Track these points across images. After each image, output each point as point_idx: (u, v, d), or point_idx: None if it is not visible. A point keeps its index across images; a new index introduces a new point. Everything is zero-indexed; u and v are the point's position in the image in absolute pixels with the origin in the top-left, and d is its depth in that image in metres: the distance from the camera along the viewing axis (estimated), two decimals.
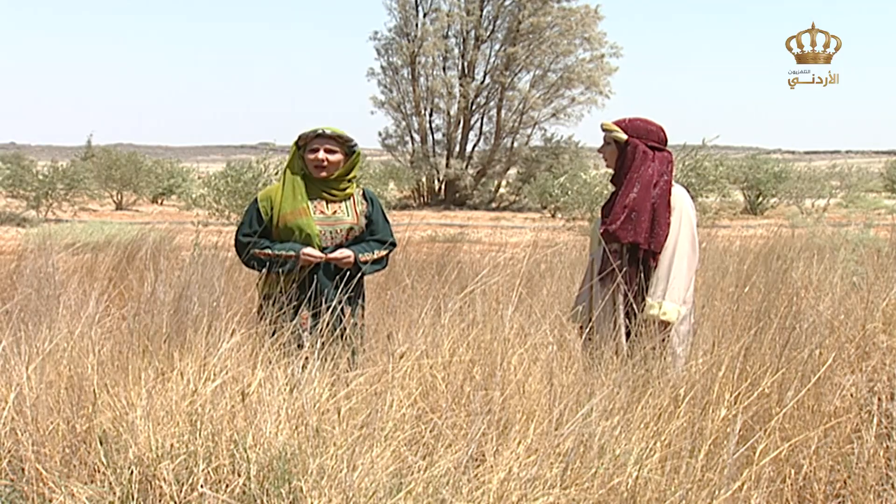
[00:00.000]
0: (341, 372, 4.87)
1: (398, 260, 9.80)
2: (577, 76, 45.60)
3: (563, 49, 45.71)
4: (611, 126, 5.73)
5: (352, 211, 6.25)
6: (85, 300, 6.43)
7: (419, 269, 9.44)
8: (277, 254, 6.00)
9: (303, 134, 6.15)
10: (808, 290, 7.69)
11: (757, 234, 12.49)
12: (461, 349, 5.06)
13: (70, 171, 34.65)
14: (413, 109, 46.84)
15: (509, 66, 46.08)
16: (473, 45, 46.47)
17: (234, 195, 29.40)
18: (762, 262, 8.87)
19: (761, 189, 40.24)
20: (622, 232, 5.56)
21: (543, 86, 46.32)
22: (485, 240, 24.00)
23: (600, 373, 4.90)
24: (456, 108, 46.52)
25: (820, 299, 7.17)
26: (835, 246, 10.70)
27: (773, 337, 5.38)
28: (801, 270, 8.44)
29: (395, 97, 46.95)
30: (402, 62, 46.82)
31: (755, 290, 7.45)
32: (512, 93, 46.25)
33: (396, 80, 47.08)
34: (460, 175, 45.61)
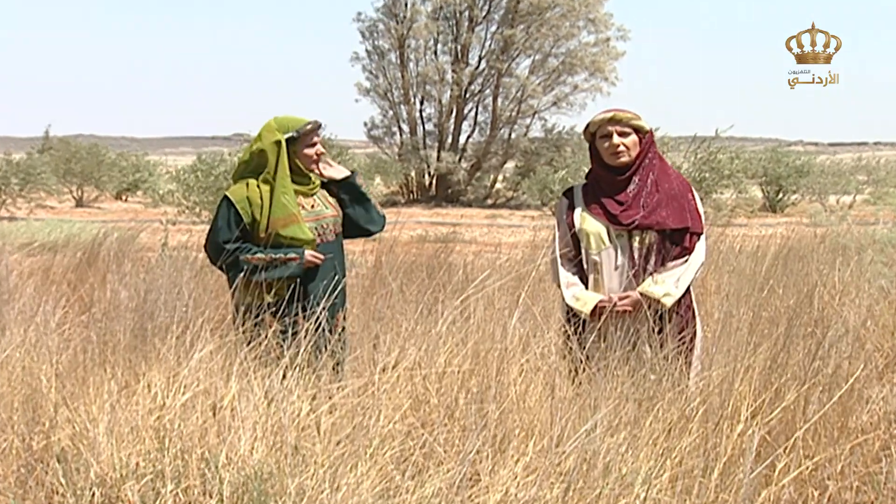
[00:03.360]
0: (323, 384, 4.87)
1: (384, 262, 9.79)
2: (581, 61, 45.62)
3: (566, 32, 45.73)
4: (632, 114, 5.76)
5: (326, 202, 6.26)
6: (41, 306, 6.42)
7: (408, 271, 9.43)
8: (276, 257, 5.95)
9: (299, 128, 6.08)
10: (832, 295, 7.71)
11: (777, 233, 12.50)
12: (457, 359, 5.06)
13: (25, 165, 34.60)
14: (401, 97, 46.83)
15: (506, 50, 46.09)
16: (467, 27, 46.48)
17: (206, 191, 29.37)
18: (782, 265, 8.89)
19: (781, 184, 40.28)
20: (671, 218, 5.64)
21: (544, 72, 46.33)
22: (480, 239, 24.00)
23: (606, 384, 4.90)
24: (448, 96, 46.51)
25: (845, 305, 7.18)
26: (861, 247, 10.71)
27: (795, 347, 5.39)
28: (824, 273, 8.46)
29: (382, 84, 46.93)
30: (390, 46, 46.82)
31: (774, 296, 7.47)
32: (509, 79, 46.26)
33: (383, 66, 47.07)
34: (453, 169, 45.61)
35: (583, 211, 5.77)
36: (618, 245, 5.68)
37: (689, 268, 5.65)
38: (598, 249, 5.71)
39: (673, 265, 5.64)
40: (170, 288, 7.36)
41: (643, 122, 5.76)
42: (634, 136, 5.75)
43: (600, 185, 5.78)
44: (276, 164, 6.05)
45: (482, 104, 47.27)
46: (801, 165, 40.61)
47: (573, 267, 5.77)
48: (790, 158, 41.00)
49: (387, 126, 47.62)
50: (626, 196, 5.71)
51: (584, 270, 5.74)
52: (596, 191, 5.78)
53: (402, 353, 5.06)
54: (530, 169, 44.60)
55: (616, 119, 5.74)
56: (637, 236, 5.67)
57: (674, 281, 5.59)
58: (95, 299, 8.46)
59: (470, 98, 47.02)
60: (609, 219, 5.69)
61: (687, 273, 5.64)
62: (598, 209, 5.72)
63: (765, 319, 6.48)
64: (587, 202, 5.77)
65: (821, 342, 5.44)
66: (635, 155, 5.74)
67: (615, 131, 5.73)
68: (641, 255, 5.66)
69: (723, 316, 6.12)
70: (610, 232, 5.69)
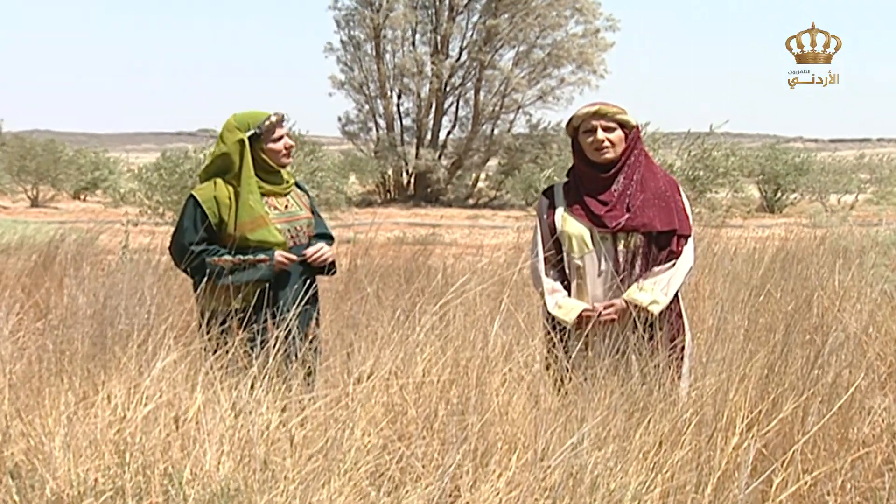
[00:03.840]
0: (294, 394, 4.87)
1: (360, 265, 9.80)
2: (568, 53, 45.72)
3: (552, 22, 45.82)
4: (618, 108, 5.75)
5: (300, 203, 6.26)
6: None
7: (384, 275, 9.44)
8: (245, 259, 5.94)
9: (260, 123, 6.07)
10: (832, 300, 7.73)
11: (774, 234, 12.54)
12: (436, 368, 5.06)
13: None
14: (378, 91, 46.84)
15: (489, 41, 46.14)
16: (448, 16, 46.52)
17: (170, 190, 29.33)
18: (779, 268, 8.92)
19: (780, 183, 40.44)
20: (658, 220, 5.62)
21: (528, 64, 46.41)
22: (460, 241, 24.00)
23: (594, 395, 4.90)
24: (427, 90, 46.54)
25: (846, 311, 7.21)
26: (863, 249, 10.76)
27: (793, 355, 5.41)
28: (824, 277, 8.49)
29: (357, 76, 46.94)
30: (366, 36, 46.82)
31: (771, 301, 7.49)
32: (492, 72, 46.32)
33: (359, 57, 47.07)
34: (432, 167, 45.64)
35: (564, 212, 5.74)
36: (602, 248, 5.65)
37: (676, 273, 5.62)
38: (581, 253, 5.68)
39: (659, 270, 5.61)
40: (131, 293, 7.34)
41: (629, 116, 5.75)
42: (620, 131, 5.73)
43: (583, 182, 5.74)
44: (240, 165, 6.03)
45: (463, 98, 47.33)
46: (801, 163, 40.77)
47: (555, 271, 5.75)
48: (789, 156, 41.15)
49: (362, 121, 47.64)
50: (610, 195, 5.68)
51: (566, 275, 5.73)
52: (578, 189, 5.74)
53: (378, 362, 5.06)
54: (514, 167, 44.66)
55: (601, 113, 5.72)
56: (622, 239, 5.65)
57: (661, 287, 5.57)
58: (52, 305, 8.44)
59: (450, 92, 47.05)
60: (592, 220, 5.65)
61: (675, 279, 5.61)
62: (581, 210, 5.68)
63: (761, 326, 6.50)
64: (569, 202, 5.74)
65: (820, 350, 5.46)
66: (620, 151, 5.72)
67: (600, 126, 5.70)
68: (627, 260, 5.64)
69: (717, 322, 6.14)
70: (593, 235, 5.66)
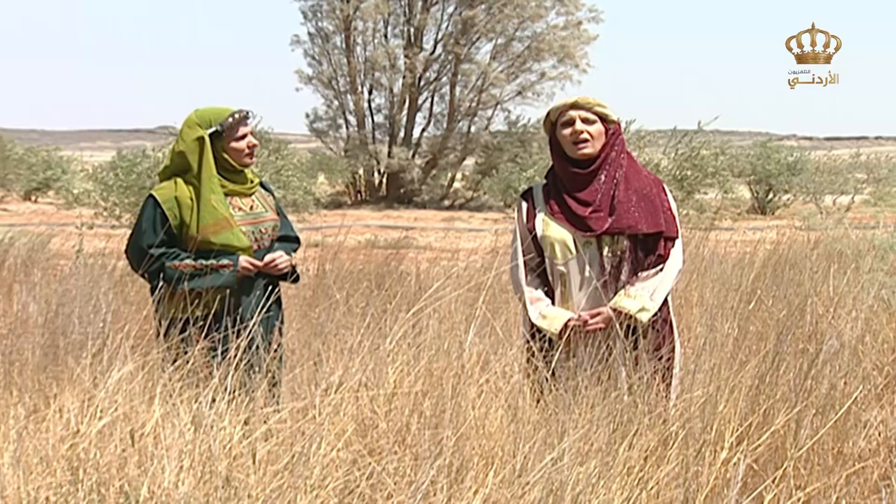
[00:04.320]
0: (258, 407, 4.86)
1: (328, 270, 9.79)
2: (549, 46, 45.76)
3: (532, 13, 45.87)
4: (599, 101, 5.76)
5: (265, 204, 6.25)
6: None
7: (354, 280, 9.44)
8: (207, 264, 5.93)
9: (222, 120, 6.05)
10: (826, 306, 7.77)
11: (766, 237, 12.60)
12: (409, 379, 5.06)
13: None
14: (348, 86, 46.79)
15: (465, 33, 46.17)
16: (422, 7, 46.53)
17: (127, 191, 29.19)
18: (771, 273, 8.95)
19: (772, 183, 40.55)
20: (644, 222, 5.62)
21: (507, 58, 46.44)
22: (435, 245, 24.02)
23: (576, 407, 4.91)
24: (400, 85, 46.52)
25: (841, 318, 7.24)
26: (859, 253, 10.81)
27: (785, 365, 5.43)
28: (818, 283, 8.52)
29: (326, 71, 46.88)
30: (335, 28, 46.77)
31: (762, 308, 7.51)
32: (469, 66, 46.33)
33: (327, 50, 47.02)
34: (405, 166, 45.62)
35: (545, 215, 5.75)
36: (586, 254, 5.65)
37: (664, 278, 5.64)
38: (564, 259, 5.68)
39: (647, 275, 5.63)
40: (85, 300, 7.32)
41: (610, 110, 5.76)
42: (600, 124, 5.73)
43: (562, 182, 5.75)
44: (200, 164, 6.02)
45: (438, 94, 47.32)
46: (794, 162, 40.88)
47: (536, 278, 5.76)
48: (781, 154, 41.24)
49: (331, 118, 47.56)
50: (591, 194, 5.67)
51: (548, 281, 5.73)
52: (558, 190, 5.75)
53: (347, 372, 5.06)
54: (492, 166, 44.65)
55: (580, 104, 5.72)
56: (607, 243, 5.65)
57: (649, 293, 5.58)
58: (0, 313, 8.40)
59: (425, 87, 47.04)
60: (575, 224, 5.66)
61: (663, 284, 5.63)
62: (562, 212, 5.69)
63: (752, 334, 6.53)
64: (549, 204, 5.74)
65: (814, 359, 5.48)
66: (600, 147, 5.72)
67: (578, 117, 5.70)
68: (612, 265, 5.65)
69: (705, 330, 6.16)
70: (577, 239, 5.65)
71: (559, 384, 5.26)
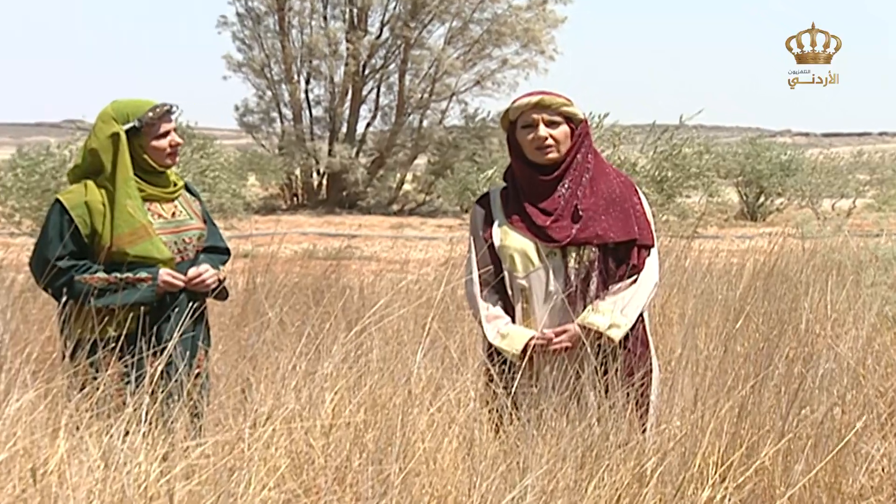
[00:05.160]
0: (178, 440, 4.85)
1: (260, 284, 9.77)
2: (511, 30, 45.85)
3: None
4: (564, 99, 5.76)
5: (190, 210, 6.23)
6: None
7: (289, 296, 9.43)
8: (123, 277, 5.90)
9: (141, 115, 6.02)
10: (822, 324, 7.82)
11: (756, 246, 12.67)
12: (349, 408, 5.06)
13: None
14: (282, 74, 46.73)
15: (416, 14, 46.21)
16: None
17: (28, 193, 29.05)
18: (762, 287, 9.00)
19: (763, 185, 40.79)
20: (614, 229, 5.63)
21: (464, 43, 46.50)
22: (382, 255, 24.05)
23: (539, 439, 4.92)
24: (342, 73, 46.50)
25: (840, 338, 7.29)
26: (861, 264, 10.88)
27: (777, 390, 5.46)
28: (814, 298, 8.57)
29: (258, 57, 46.80)
30: (268, 8, 46.70)
31: (751, 326, 7.55)
32: (420, 52, 46.37)
33: (259, 33, 46.95)
34: (348, 166, 45.60)
35: (503, 223, 5.77)
36: (549, 266, 5.67)
37: (639, 291, 5.66)
38: (526, 272, 5.70)
39: (619, 288, 5.65)
40: None
41: (576, 108, 5.77)
42: (566, 126, 5.74)
43: (522, 188, 5.77)
44: (115, 164, 5.99)
45: (385, 83, 47.33)
46: (788, 161, 41.11)
47: (495, 293, 5.77)
48: (774, 152, 41.48)
49: (264, 111, 47.48)
50: (554, 202, 5.69)
51: (508, 297, 5.74)
52: (518, 196, 5.76)
53: (280, 401, 5.06)
54: (447, 166, 44.72)
55: (543, 104, 5.73)
56: (573, 254, 5.67)
57: (620, 308, 5.60)
58: None
59: (370, 76, 47.05)
60: (536, 233, 5.68)
61: (637, 297, 5.65)
62: (522, 221, 5.71)
63: (739, 356, 6.55)
64: (507, 211, 5.75)
65: (808, 384, 5.51)
66: (566, 150, 5.75)
67: (542, 120, 5.72)
68: (579, 278, 5.66)
69: (687, 352, 6.19)
70: (539, 249, 5.67)
71: (520, 412, 5.27)
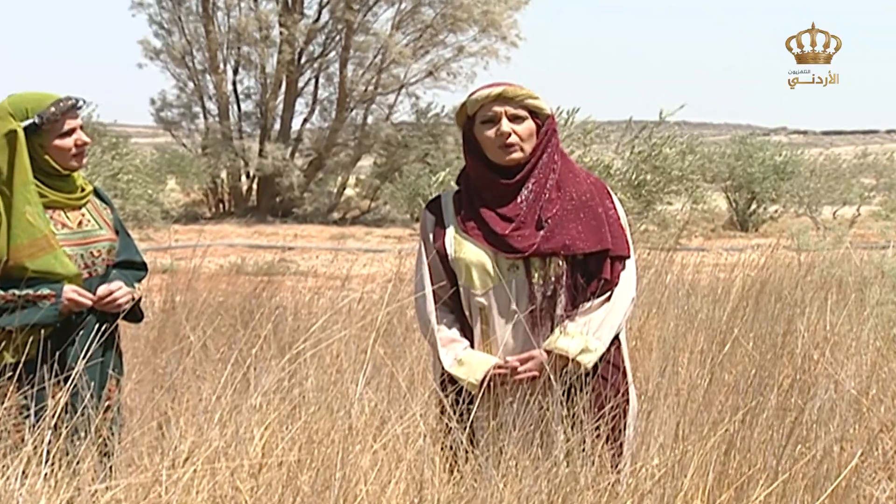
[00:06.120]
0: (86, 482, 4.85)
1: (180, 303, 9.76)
2: (468, 13, 45.88)
3: None
4: (530, 91, 5.77)
5: (99, 219, 6.20)
6: None
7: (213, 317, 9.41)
8: (23, 295, 5.87)
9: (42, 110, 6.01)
10: (821, 348, 7.86)
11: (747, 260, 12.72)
12: (281, 445, 5.07)
13: None
14: (207, 63, 46.65)
15: None
16: None
17: None
18: (752, 306, 9.03)
19: (754, 191, 40.91)
20: (583, 238, 5.63)
21: (414, 28, 46.55)
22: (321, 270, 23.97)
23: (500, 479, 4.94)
24: (275, 62, 46.46)
25: (841, 364, 7.33)
26: (865, 281, 10.95)
27: (769, 423, 5.49)
28: (812, 319, 8.62)
29: (179, 43, 46.71)
30: None
31: (741, 351, 7.58)
32: (364, 38, 46.38)
33: (180, 16, 46.86)
34: (282, 168, 45.53)
35: (457, 232, 5.77)
36: (511, 281, 5.65)
37: (613, 309, 5.66)
38: (484, 288, 5.68)
39: (590, 307, 5.64)
40: None
41: (542, 102, 5.78)
42: (531, 121, 5.75)
43: (478, 192, 5.75)
44: (11, 165, 5.97)
45: (325, 74, 47.36)
46: (783, 163, 41.26)
47: (450, 313, 5.76)
48: (767, 153, 41.59)
49: (185, 105, 47.41)
50: (516, 207, 5.69)
51: (465, 317, 5.74)
52: (473, 201, 5.75)
53: (202, 437, 5.06)
54: (395, 168, 44.76)
55: (506, 96, 5.73)
56: (537, 267, 5.66)
57: (593, 330, 5.61)
58: None
59: (307, 65, 47.04)
60: (494, 244, 5.67)
61: (611, 317, 5.64)
62: (478, 229, 5.70)
63: (726, 385, 6.58)
64: (462, 219, 5.73)
65: (805, 417, 5.54)
66: (531, 149, 5.75)
67: (504, 114, 5.72)
68: (545, 294, 5.67)
69: (667, 380, 6.22)
70: (499, 263, 5.66)
71: (478, 449, 5.29)
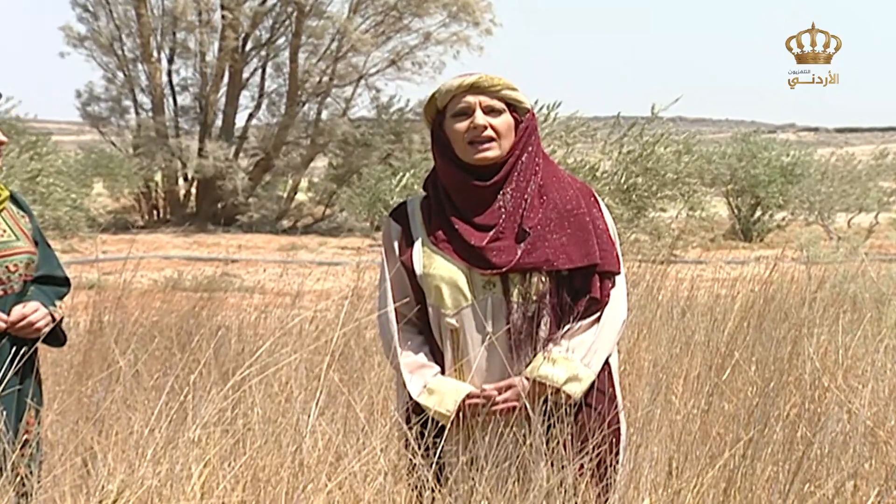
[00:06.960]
0: None
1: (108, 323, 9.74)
2: None
3: None
4: (508, 82, 5.75)
5: (15, 229, 6.20)
6: None
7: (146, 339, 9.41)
8: None
9: None
10: (833, 375, 7.88)
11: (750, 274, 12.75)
12: (223, 484, 5.07)
13: None
14: (139, 51, 46.63)
15: None
16: None
17: None
18: (756, 327, 9.05)
19: (759, 196, 40.97)
20: (568, 251, 5.61)
21: (374, 11, 46.60)
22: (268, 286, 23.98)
23: None
24: (217, 50, 46.47)
25: (855, 392, 7.36)
26: (882, 297, 10.98)
27: (774, 458, 5.50)
28: (822, 341, 8.64)
29: (106, 29, 46.69)
30: None
31: (742, 377, 7.60)
32: (318, 22, 46.40)
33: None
34: (225, 170, 45.50)
35: (426, 245, 5.74)
36: (487, 300, 5.64)
37: (602, 332, 5.64)
38: (457, 308, 5.65)
39: (576, 329, 5.63)
40: None
41: (522, 94, 5.77)
42: (508, 115, 5.73)
43: (450, 198, 5.73)
44: None
45: (273, 63, 47.40)
46: (791, 165, 41.34)
47: (418, 334, 5.73)
48: (773, 153, 41.66)
49: (114, 98, 47.38)
50: (494, 215, 5.68)
51: (434, 339, 5.72)
52: (444, 208, 5.71)
53: (133, 476, 5.06)
54: (353, 170, 44.79)
55: (481, 86, 5.72)
56: (516, 284, 5.63)
57: (581, 356, 5.59)
58: None
59: (253, 53, 47.04)
60: (468, 258, 5.65)
61: (600, 341, 5.63)
62: (449, 241, 5.67)
63: (726, 414, 6.60)
64: (431, 228, 5.71)
65: (814, 451, 5.56)
66: (508, 147, 5.73)
67: (478, 105, 5.71)
68: (525, 315, 5.65)
69: (659, 409, 6.23)
70: (473, 279, 5.64)
71: (447, 489, 5.30)
